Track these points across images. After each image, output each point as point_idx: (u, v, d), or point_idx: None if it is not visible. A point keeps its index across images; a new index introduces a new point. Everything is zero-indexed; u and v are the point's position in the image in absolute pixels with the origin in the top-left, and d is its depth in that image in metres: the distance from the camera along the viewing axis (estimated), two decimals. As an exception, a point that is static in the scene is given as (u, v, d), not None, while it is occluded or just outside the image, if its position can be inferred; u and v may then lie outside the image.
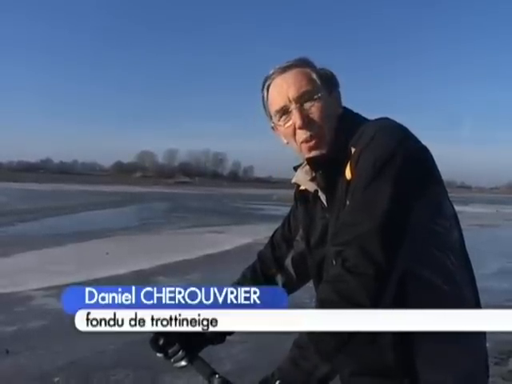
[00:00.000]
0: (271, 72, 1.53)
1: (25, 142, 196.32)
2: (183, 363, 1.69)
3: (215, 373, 1.59)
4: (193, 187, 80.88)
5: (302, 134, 1.49)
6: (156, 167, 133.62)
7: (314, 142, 1.49)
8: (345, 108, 1.57)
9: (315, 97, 1.48)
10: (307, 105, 1.48)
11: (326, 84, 1.50)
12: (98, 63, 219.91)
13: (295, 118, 1.48)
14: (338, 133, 1.49)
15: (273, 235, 1.87)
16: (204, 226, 19.70)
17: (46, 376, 4.84)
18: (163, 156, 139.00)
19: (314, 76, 1.50)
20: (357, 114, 1.56)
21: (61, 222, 20.40)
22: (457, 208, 1.53)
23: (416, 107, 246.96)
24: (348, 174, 1.40)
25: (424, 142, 1.43)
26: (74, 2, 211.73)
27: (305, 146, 1.50)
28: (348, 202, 1.38)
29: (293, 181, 1.62)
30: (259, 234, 15.09)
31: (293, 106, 1.48)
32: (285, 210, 1.95)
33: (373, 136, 1.37)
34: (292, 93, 1.48)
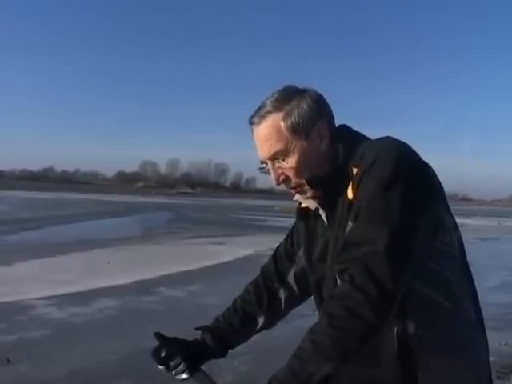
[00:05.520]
0: (250, 118, 1.54)
1: (27, 151, 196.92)
2: (185, 376, 1.69)
3: (217, 385, 1.59)
4: (195, 197, 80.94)
5: (284, 186, 1.55)
6: (158, 177, 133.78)
7: (297, 189, 1.54)
8: (342, 127, 1.57)
9: (287, 152, 1.49)
10: (280, 164, 1.51)
11: (300, 129, 1.48)
12: (100, 72, 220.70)
13: (272, 177, 1.54)
14: (332, 155, 1.50)
15: (276, 249, 1.88)
16: (206, 236, 19.66)
17: (46, 386, 4.82)
18: (165, 166, 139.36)
19: (284, 128, 1.48)
20: (356, 133, 1.56)
21: (63, 231, 20.38)
22: (459, 221, 1.54)
23: (417, 119, 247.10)
24: (350, 194, 1.41)
25: (426, 154, 1.44)
26: (75, 8, 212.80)
27: (292, 192, 1.57)
28: (350, 222, 1.39)
29: (294, 198, 1.64)
30: (261, 245, 15.10)
31: (269, 166, 1.53)
32: (287, 222, 1.97)
33: (375, 157, 1.37)
34: (264, 153, 1.52)
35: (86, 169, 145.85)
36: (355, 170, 1.42)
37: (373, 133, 1.54)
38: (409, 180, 1.35)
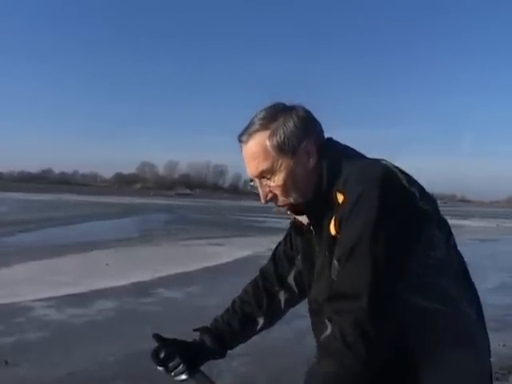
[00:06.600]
0: (239, 136, 1.54)
1: (26, 153, 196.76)
2: (184, 377, 1.70)
3: (216, 386, 1.59)
4: (193, 199, 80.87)
5: (272, 202, 1.55)
6: (156, 178, 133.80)
7: (286, 206, 1.55)
8: (328, 141, 1.55)
9: (273, 170, 1.49)
10: (268, 182, 1.51)
11: (286, 148, 1.47)
12: (99, 73, 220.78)
13: (260, 194, 1.55)
14: (317, 176, 1.49)
15: (275, 251, 1.87)
16: (204, 237, 19.64)
17: (44, 387, 4.81)
18: (164, 167, 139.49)
19: (270, 147, 1.47)
20: (343, 149, 1.54)
21: (61, 233, 20.37)
22: (457, 222, 1.54)
23: (417, 119, 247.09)
24: (332, 229, 1.41)
25: (425, 156, 1.45)
26: (75, 10, 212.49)
27: (281, 210, 1.58)
28: (336, 262, 1.39)
29: (289, 212, 1.61)
30: (260, 246, 15.09)
31: (257, 183, 1.54)
32: (285, 223, 1.96)
33: (359, 195, 1.34)
34: (252, 171, 1.52)
35: (85, 170, 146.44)
36: (340, 196, 1.40)
37: (373, 134, 1.57)
38: (394, 219, 1.33)
